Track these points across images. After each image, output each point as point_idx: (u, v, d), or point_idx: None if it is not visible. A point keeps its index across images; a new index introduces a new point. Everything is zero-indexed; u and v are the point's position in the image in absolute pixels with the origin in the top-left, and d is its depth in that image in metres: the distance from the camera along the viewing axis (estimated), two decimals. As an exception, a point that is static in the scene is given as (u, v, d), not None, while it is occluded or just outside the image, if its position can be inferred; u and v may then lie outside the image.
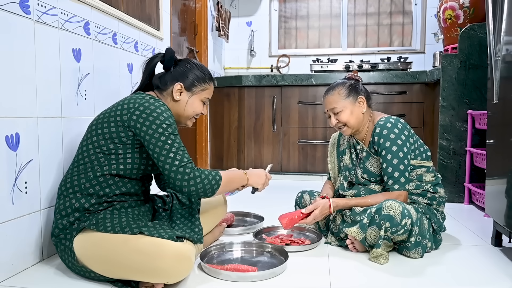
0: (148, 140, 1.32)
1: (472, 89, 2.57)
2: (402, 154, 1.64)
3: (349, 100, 1.72)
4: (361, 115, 1.74)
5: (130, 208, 1.42)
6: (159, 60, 1.52)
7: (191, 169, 1.33)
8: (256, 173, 1.59)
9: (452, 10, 2.77)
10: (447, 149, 2.64)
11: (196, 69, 1.51)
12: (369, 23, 4.28)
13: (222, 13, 3.86)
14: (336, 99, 1.72)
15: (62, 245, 1.34)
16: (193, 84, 1.50)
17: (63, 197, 1.37)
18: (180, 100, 1.49)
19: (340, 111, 1.72)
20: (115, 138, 1.35)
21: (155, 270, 1.22)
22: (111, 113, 1.38)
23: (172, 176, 1.32)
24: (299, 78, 3.46)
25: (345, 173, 1.85)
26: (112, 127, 1.35)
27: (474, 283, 1.40)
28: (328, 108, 1.76)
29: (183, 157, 1.33)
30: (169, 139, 1.32)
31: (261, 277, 1.39)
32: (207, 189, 1.36)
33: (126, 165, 1.37)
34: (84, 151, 1.38)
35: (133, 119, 1.33)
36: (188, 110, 1.51)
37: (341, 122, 1.73)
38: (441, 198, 1.74)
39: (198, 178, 1.34)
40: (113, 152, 1.36)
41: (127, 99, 1.40)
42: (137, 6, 2.25)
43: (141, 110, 1.33)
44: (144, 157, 1.39)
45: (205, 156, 3.69)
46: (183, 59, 1.56)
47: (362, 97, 1.73)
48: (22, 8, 1.40)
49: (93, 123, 1.42)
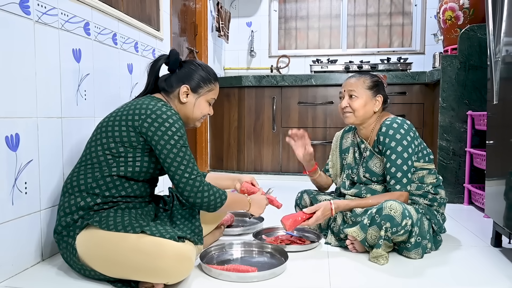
0: (159, 149, 1.34)
1: (472, 90, 2.58)
2: (406, 155, 1.64)
3: (369, 93, 1.74)
4: (371, 112, 1.75)
5: (134, 208, 1.42)
6: (164, 62, 1.53)
7: (201, 183, 1.36)
8: (258, 203, 1.63)
9: (452, 11, 2.77)
10: (446, 150, 2.64)
11: (201, 70, 1.52)
12: (369, 24, 4.28)
13: (222, 14, 3.86)
14: (359, 85, 1.74)
15: (64, 242, 1.34)
16: (199, 86, 1.50)
17: (68, 195, 1.37)
18: (187, 102, 1.49)
19: (357, 97, 1.73)
20: (125, 142, 1.35)
21: (156, 269, 1.22)
22: (123, 117, 1.38)
23: (181, 187, 1.35)
24: (299, 78, 3.46)
25: (347, 171, 1.85)
26: (124, 131, 1.36)
27: (473, 284, 1.40)
28: (347, 88, 1.76)
29: (193, 170, 1.36)
30: (180, 151, 1.34)
31: (261, 277, 1.39)
32: (211, 205, 1.39)
33: (135, 168, 1.38)
34: (93, 151, 1.38)
35: (145, 126, 1.34)
36: (195, 112, 1.52)
37: (351, 107, 1.74)
38: (441, 199, 1.74)
39: (206, 192, 1.37)
40: (122, 155, 1.36)
41: (139, 104, 1.39)
42: (137, 7, 2.25)
43: (153, 118, 1.34)
44: (153, 161, 1.40)
45: (205, 157, 3.69)
46: (187, 61, 1.56)
47: (380, 96, 1.75)
48: (22, 8, 1.40)
49: (103, 124, 1.41)
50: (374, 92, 1.74)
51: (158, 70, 1.54)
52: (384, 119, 1.73)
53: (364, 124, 1.78)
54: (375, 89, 1.75)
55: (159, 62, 1.52)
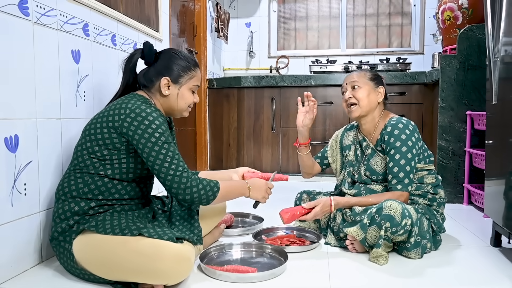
0: (141, 148, 1.31)
1: (471, 90, 2.58)
2: (410, 155, 1.64)
3: (371, 83, 1.75)
4: (375, 103, 1.75)
5: (131, 210, 1.41)
6: (139, 57, 1.48)
7: (187, 178, 1.33)
8: (258, 187, 1.55)
9: (451, 11, 2.77)
10: (446, 149, 2.64)
11: (179, 58, 1.47)
12: (368, 24, 4.29)
13: (221, 14, 3.86)
14: (361, 76, 1.76)
15: (61, 247, 1.34)
16: (179, 75, 1.46)
17: (62, 201, 1.36)
18: (169, 94, 1.46)
19: (359, 87, 1.73)
20: (108, 144, 1.34)
21: (155, 271, 1.22)
22: (103, 118, 1.36)
23: (168, 184, 1.32)
24: (298, 79, 3.46)
25: (349, 168, 1.85)
26: (105, 133, 1.34)
27: (473, 284, 1.40)
28: (349, 81, 1.77)
29: (178, 166, 1.33)
30: (163, 148, 1.31)
31: (260, 278, 1.39)
32: (203, 199, 1.36)
33: (122, 169, 1.36)
34: (79, 156, 1.38)
35: (125, 126, 1.32)
36: (180, 103, 1.48)
37: (355, 97, 1.73)
38: (441, 199, 1.75)
39: (195, 187, 1.34)
40: (107, 158, 1.35)
41: (119, 104, 1.37)
42: (136, 8, 2.25)
43: (132, 117, 1.32)
44: (139, 162, 1.39)
45: (205, 157, 3.69)
46: (163, 51, 1.51)
47: (382, 88, 1.77)
48: (21, 9, 1.40)
49: (87, 128, 1.40)
50: (375, 83, 1.76)
51: (135, 65, 1.49)
52: (389, 118, 1.73)
53: (368, 117, 1.77)
54: (377, 81, 1.77)
55: (134, 57, 1.48)
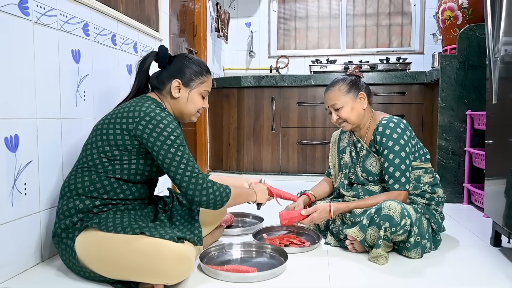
0: (157, 151, 1.32)
1: (471, 90, 2.58)
2: (404, 154, 1.64)
3: (350, 96, 1.72)
4: (362, 111, 1.74)
5: (134, 210, 1.42)
6: (153, 60, 1.51)
7: (203, 180, 1.35)
8: (262, 190, 1.65)
9: (451, 11, 2.77)
10: (446, 149, 2.64)
11: (192, 63, 1.49)
12: (368, 24, 4.29)
13: (221, 14, 3.86)
14: (337, 95, 1.72)
15: (63, 244, 1.34)
16: (190, 79, 1.48)
17: (67, 198, 1.36)
18: (179, 97, 1.47)
19: (341, 107, 1.72)
20: (120, 145, 1.35)
21: (155, 271, 1.22)
22: (117, 119, 1.36)
23: (185, 186, 1.33)
24: (298, 78, 3.47)
25: (345, 170, 1.85)
26: (118, 134, 1.35)
27: (473, 283, 1.40)
28: (329, 104, 1.76)
29: (194, 168, 1.34)
30: (178, 150, 1.33)
31: (260, 278, 1.39)
32: (217, 201, 1.37)
33: (131, 170, 1.37)
34: (88, 154, 1.38)
35: (139, 129, 1.33)
36: (189, 107, 1.50)
37: (341, 118, 1.73)
38: (439, 198, 1.74)
39: (211, 189, 1.35)
40: (117, 158, 1.35)
41: (132, 106, 1.38)
42: (136, 7, 2.25)
43: (147, 121, 1.33)
44: (148, 164, 1.40)
45: (205, 157, 3.69)
46: (177, 55, 1.54)
47: (363, 93, 1.73)
48: (21, 9, 1.40)
49: (98, 127, 1.40)
50: (354, 92, 1.72)
51: (148, 68, 1.52)
52: (380, 118, 1.72)
53: (360, 124, 1.78)
54: (354, 89, 1.73)
55: (148, 60, 1.50)
